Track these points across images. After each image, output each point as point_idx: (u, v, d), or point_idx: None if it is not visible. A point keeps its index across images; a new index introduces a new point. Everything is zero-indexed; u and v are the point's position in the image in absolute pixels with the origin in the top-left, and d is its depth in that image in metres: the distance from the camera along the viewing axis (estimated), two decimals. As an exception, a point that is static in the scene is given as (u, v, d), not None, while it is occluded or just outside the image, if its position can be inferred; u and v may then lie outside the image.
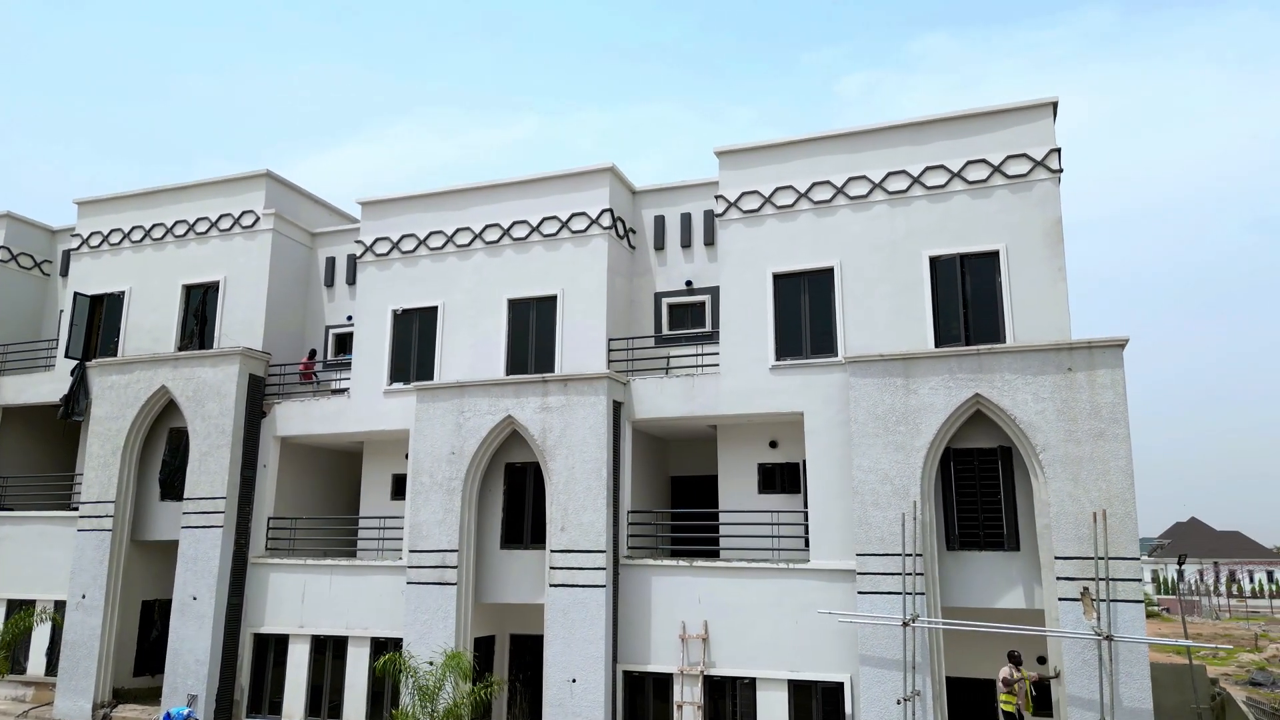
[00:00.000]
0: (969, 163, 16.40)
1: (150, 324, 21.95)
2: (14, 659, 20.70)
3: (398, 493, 20.19)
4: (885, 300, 16.48)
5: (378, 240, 20.49)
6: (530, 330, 18.98)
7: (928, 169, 16.65)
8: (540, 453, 17.33)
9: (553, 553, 16.84)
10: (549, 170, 19.80)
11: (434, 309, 19.73)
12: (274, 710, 18.94)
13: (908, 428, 15.22)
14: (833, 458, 16.03)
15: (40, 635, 20.82)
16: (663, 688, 16.42)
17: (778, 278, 17.35)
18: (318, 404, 20.17)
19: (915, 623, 14.47)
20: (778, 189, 17.59)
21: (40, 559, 21.25)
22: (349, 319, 21.61)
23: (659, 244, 19.76)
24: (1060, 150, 15.87)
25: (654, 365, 18.82)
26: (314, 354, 21.68)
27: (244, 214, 21.64)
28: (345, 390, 20.24)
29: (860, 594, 15.04)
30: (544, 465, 17.28)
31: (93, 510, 20.30)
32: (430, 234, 20.11)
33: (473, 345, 19.24)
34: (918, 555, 14.71)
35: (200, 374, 20.15)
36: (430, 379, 19.16)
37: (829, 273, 16.98)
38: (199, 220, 22.07)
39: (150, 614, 21.07)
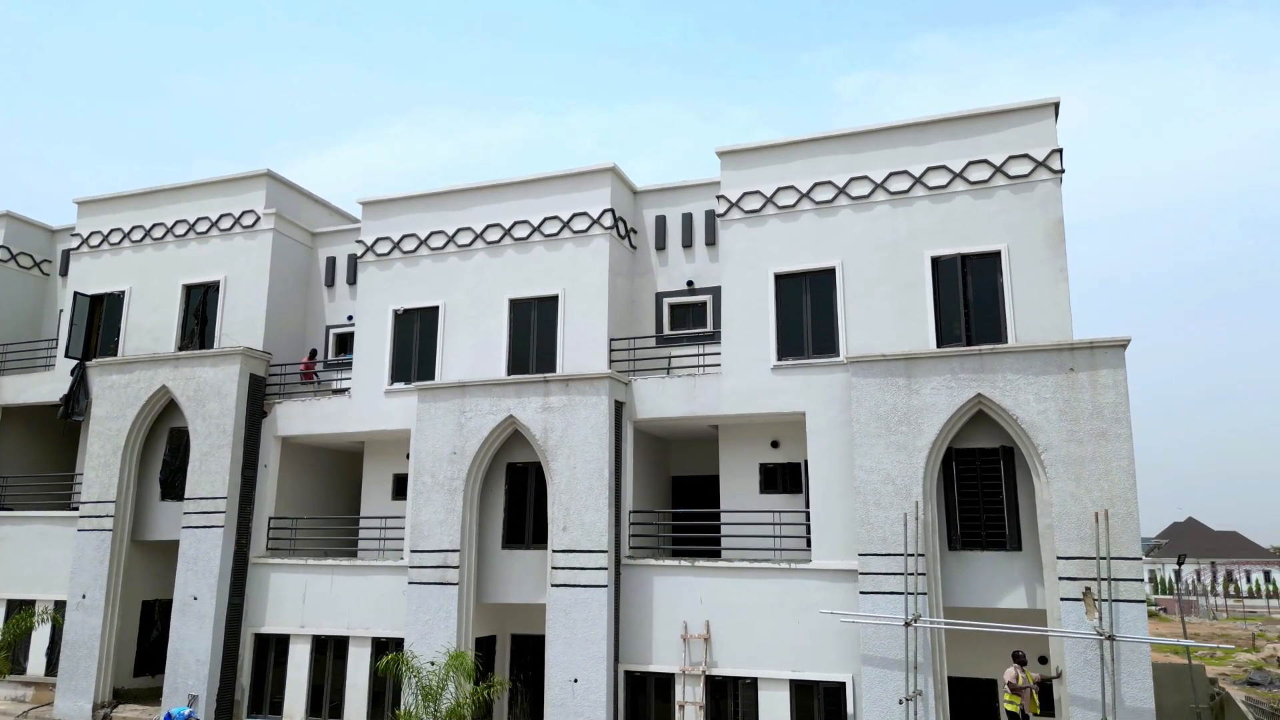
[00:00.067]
0: (971, 163, 16.42)
1: (150, 324, 21.93)
2: (14, 659, 20.66)
3: (398, 493, 20.19)
4: (887, 300, 16.49)
5: (379, 240, 20.48)
6: (532, 330, 18.98)
7: (929, 169, 16.66)
8: (542, 453, 17.33)
9: (554, 553, 16.85)
10: (550, 170, 19.81)
11: (435, 309, 19.73)
12: (275, 710, 18.93)
13: (910, 428, 15.24)
14: (834, 458, 16.04)
15: (40, 635, 20.78)
16: (664, 688, 16.42)
17: (779, 278, 17.35)
18: (318, 404, 20.16)
19: (917, 623, 14.48)
20: (779, 189, 17.60)
21: (40, 559, 21.22)
22: (350, 319, 21.60)
23: (660, 244, 19.77)
24: (1062, 151, 15.89)
25: (655, 365, 18.83)
26: (315, 354, 21.66)
27: (244, 214, 21.62)
28: (346, 390, 20.23)
29: (862, 594, 15.06)
30: (545, 465, 17.28)
31: (93, 510, 20.28)
32: (431, 234, 20.11)
33: (474, 345, 19.23)
34: (920, 555, 14.73)
35: (201, 374, 20.13)
36: (431, 379, 19.15)
37: (831, 273, 16.99)
38: (199, 220, 22.06)
39: (150, 614, 21.05)
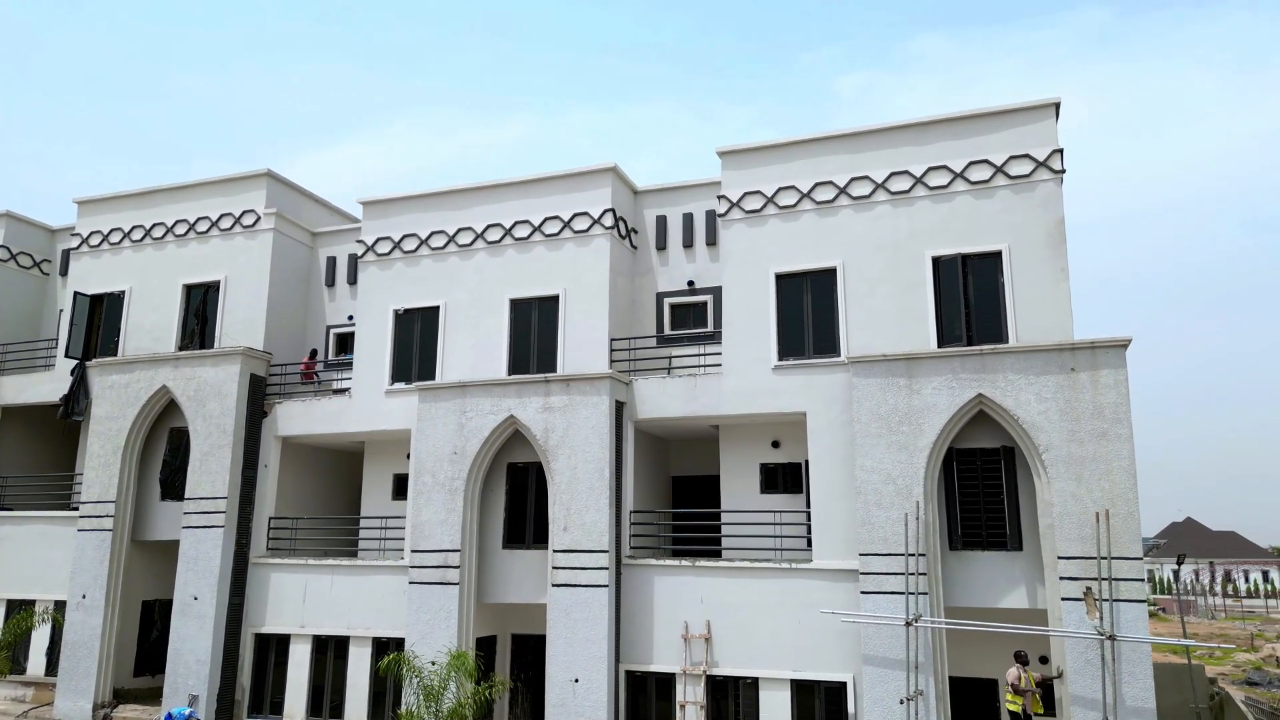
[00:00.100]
0: (972, 163, 16.43)
1: (151, 324, 21.91)
2: (14, 659, 20.64)
3: (399, 493, 20.18)
4: (888, 300, 16.49)
5: (379, 240, 20.48)
6: (532, 330, 18.98)
7: (930, 169, 16.67)
8: (543, 453, 17.33)
9: (555, 552, 16.85)
10: (551, 170, 19.81)
11: (436, 309, 19.72)
12: (275, 710, 18.92)
13: (911, 428, 15.25)
14: (835, 458, 16.04)
15: (40, 635, 20.76)
16: (665, 687, 16.43)
17: (780, 278, 17.36)
18: (319, 404, 20.15)
19: (918, 622, 14.49)
20: (780, 189, 17.60)
21: (40, 559, 21.20)
22: (350, 319, 21.59)
23: (661, 244, 19.77)
24: (1063, 151, 15.90)
25: (656, 365, 18.83)
26: (315, 354, 21.65)
27: (245, 213, 21.61)
28: (346, 390, 20.22)
29: (863, 594, 15.06)
30: (546, 465, 17.28)
31: (93, 510, 20.26)
32: (432, 234, 20.10)
33: (474, 345, 19.23)
34: (921, 555, 14.74)
35: (201, 374, 20.12)
36: (432, 379, 19.15)
37: (831, 273, 17.00)
38: (199, 220, 22.04)
39: (150, 614, 21.03)
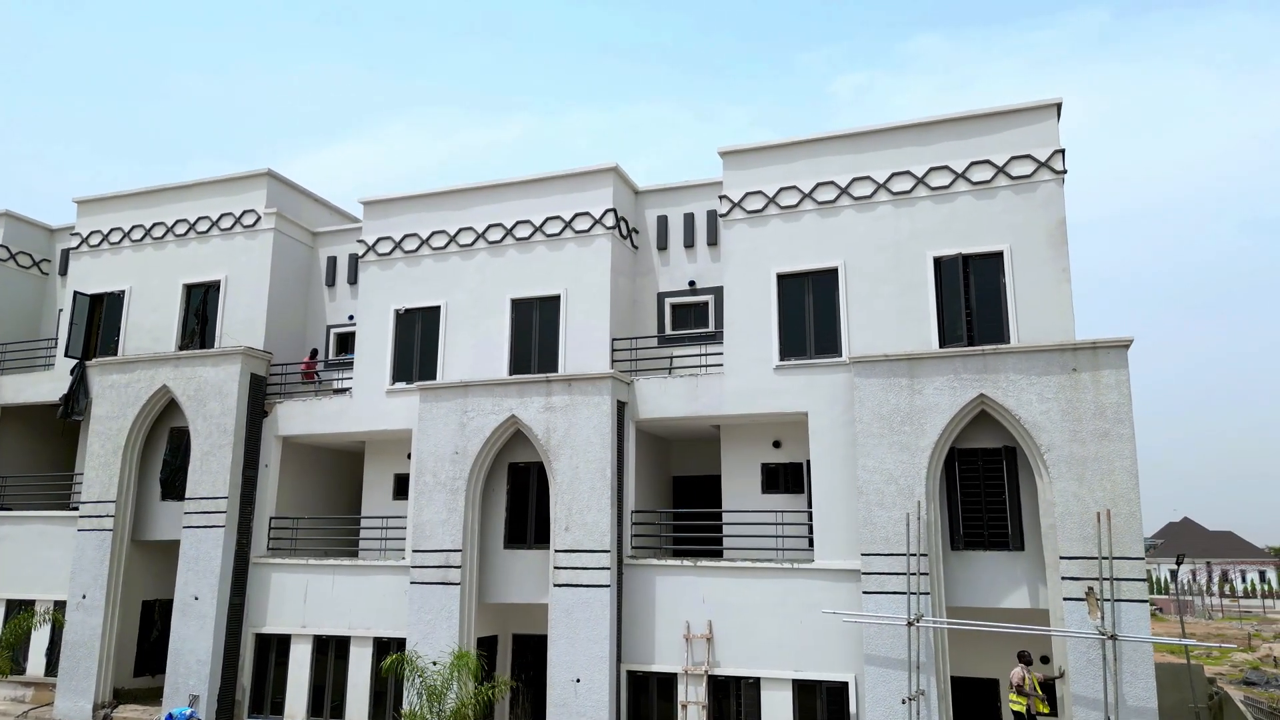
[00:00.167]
0: (973, 163, 16.44)
1: (151, 323, 21.88)
2: (14, 659, 20.59)
3: (399, 492, 20.17)
4: (889, 301, 16.50)
5: (380, 240, 20.46)
6: (533, 330, 18.97)
7: (932, 169, 16.68)
8: (544, 452, 17.33)
9: (557, 552, 16.84)
10: (552, 170, 19.81)
11: (437, 309, 19.71)
12: (276, 710, 18.90)
13: (912, 428, 15.26)
14: (837, 458, 16.05)
15: (40, 635, 20.73)
16: (667, 687, 16.43)
17: (782, 278, 17.36)
18: (319, 404, 20.14)
19: (920, 622, 14.51)
20: (782, 189, 17.61)
21: (40, 559, 21.16)
22: (350, 318, 21.58)
23: (662, 244, 19.78)
24: (1064, 151, 15.92)
25: (657, 365, 18.83)
26: (315, 353, 21.63)
27: (245, 213, 21.59)
28: (347, 390, 20.21)
29: (865, 594, 15.07)
30: (548, 465, 17.28)
31: (93, 510, 20.23)
32: (433, 234, 20.09)
33: (476, 345, 19.22)
34: (922, 555, 14.75)
35: (201, 373, 20.09)
36: (433, 379, 19.14)
37: (833, 273, 17.00)
38: (200, 219, 22.01)
39: (151, 614, 20.99)
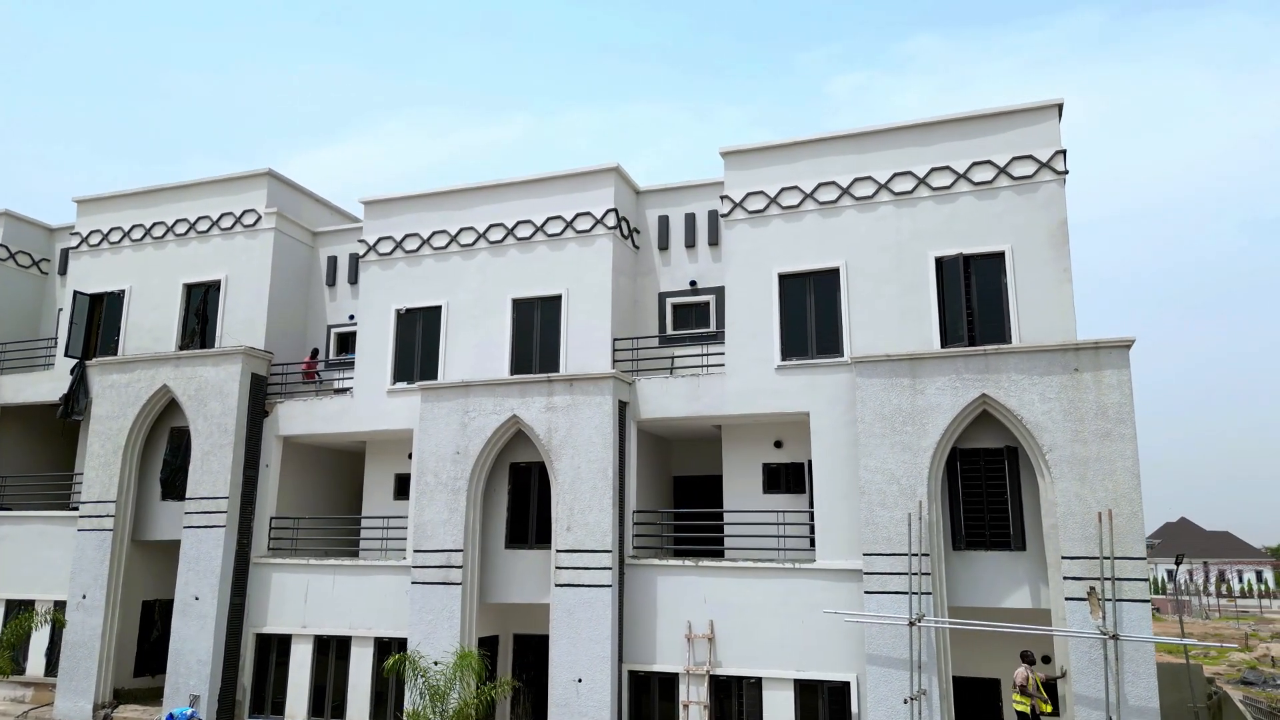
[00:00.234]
0: (975, 164, 16.46)
1: (151, 323, 21.86)
2: (14, 659, 20.57)
3: (400, 492, 20.16)
4: (891, 301, 16.51)
5: (381, 239, 20.45)
6: (535, 330, 18.97)
7: (933, 170, 16.70)
8: (545, 452, 17.33)
9: (558, 552, 16.84)
10: (553, 170, 19.82)
11: (438, 308, 19.70)
12: (276, 710, 18.88)
13: (914, 428, 15.27)
14: (838, 458, 16.06)
15: (40, 635, 20.69)
16: (668, 687, 16.44)
17: (783, 278, 17.37)
18: (320, 403, 20.12)
19: (922, 622, 14.52)
20: (783, 189, 17.62)
21: (40, 559, 21.13)
22: (351, 318, 21.57)
23: (663, 244, 19.78)
24: (1065, 152, 15.95)
25: (658, 365, 18.83)
26: (316, 353, 21.62)
27: (245, 213, 21.57)
28: (348, 390, 20.19)
29: (867, 594, 15.09)
30: (549, 465, 17.28)
31: (93, 510, 20.20)
32: (434, 233, 20.08)
33: (477, 345, 19.21)
34: (924, 555, 14.76)
35: (202, 373, 20.07)
36: (434, 379, 19.13)
37: (834, 273, 17.02)
38: (200, 219, 21.99)
39: (151, 614, 20.95)
